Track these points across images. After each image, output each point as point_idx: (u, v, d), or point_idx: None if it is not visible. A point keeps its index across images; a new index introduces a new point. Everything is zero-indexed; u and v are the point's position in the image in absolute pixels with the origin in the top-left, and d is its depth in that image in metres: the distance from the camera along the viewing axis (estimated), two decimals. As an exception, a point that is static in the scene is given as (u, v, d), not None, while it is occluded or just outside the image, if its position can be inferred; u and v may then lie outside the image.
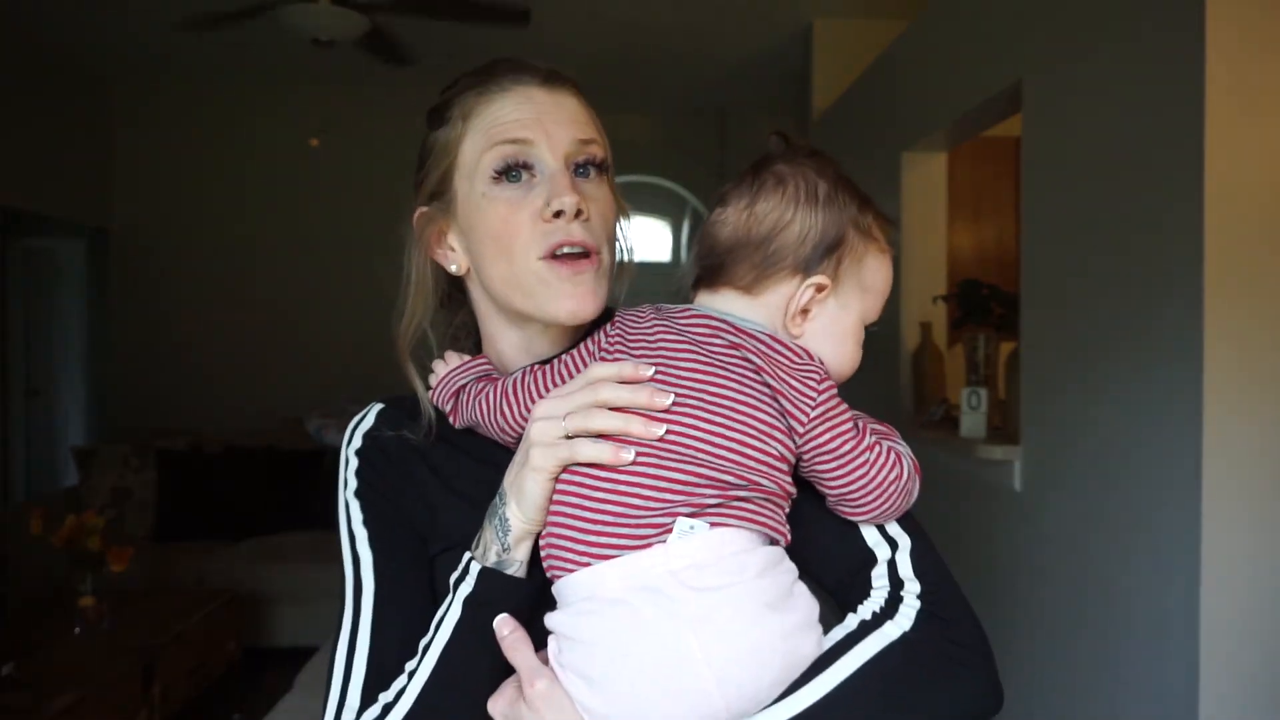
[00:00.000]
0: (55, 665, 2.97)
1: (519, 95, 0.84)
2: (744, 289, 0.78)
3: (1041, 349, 2.60)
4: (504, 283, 0.84)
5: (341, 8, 3.61)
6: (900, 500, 0.77)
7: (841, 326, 0.79)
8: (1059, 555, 2.47)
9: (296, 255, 5.69)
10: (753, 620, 0.68)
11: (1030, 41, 2.62)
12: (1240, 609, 1.87)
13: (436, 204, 0.88)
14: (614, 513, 0.70)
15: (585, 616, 0.70)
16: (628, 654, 0.67)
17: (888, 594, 0.77)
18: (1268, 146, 1.86)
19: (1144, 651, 2.07)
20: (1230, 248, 1.86)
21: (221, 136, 5.70)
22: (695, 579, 0.67)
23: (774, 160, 0.81)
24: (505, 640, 0.74)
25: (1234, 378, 1.87)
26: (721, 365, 0.73)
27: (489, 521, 0.78)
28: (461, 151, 0.85)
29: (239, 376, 5.61)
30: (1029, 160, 2.67)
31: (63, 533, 3.18)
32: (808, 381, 0.74)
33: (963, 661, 0.75)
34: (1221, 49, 1.84)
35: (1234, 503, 1.87)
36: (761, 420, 0.72)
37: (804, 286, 0.76)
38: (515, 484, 0.76)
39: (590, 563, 0.70)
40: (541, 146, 0.83)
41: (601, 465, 0.71)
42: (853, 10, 4.46)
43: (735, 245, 0.78)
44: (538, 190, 0.82)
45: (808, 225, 0.77)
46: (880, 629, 0.75)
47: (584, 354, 0.80)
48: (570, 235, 0.82)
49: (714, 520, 0.69)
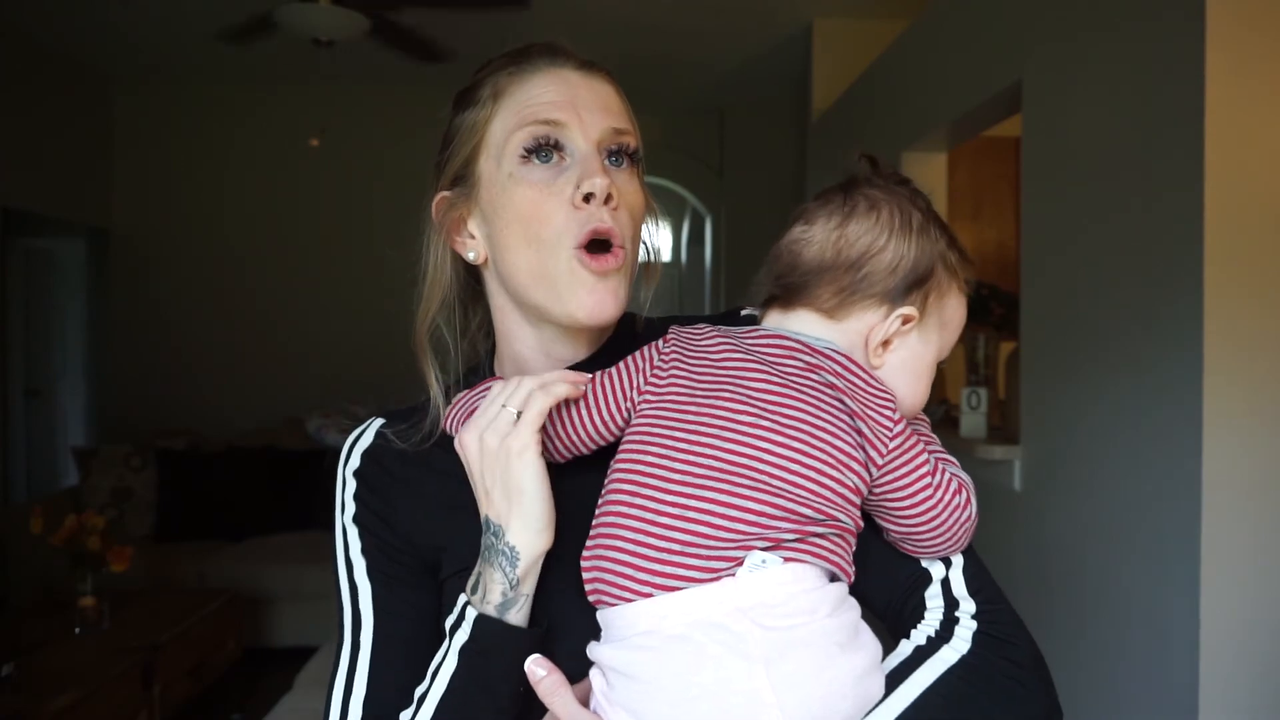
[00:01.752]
0: (55, 665, 2.97)
1: (553, 76, 0.80)
2: (825, 312, 0.74)
3: (1041, 349, 2.60)
4: (527, 273, 0.79)
5: (341, 8, 3.61)
6: (965, 538, 0.74)
7: (921, 362, 0.76)
8: (1059, 555, 2.47)
9: (297, 255, 5.69)
10: (826, 662, 0.64)
11: (1030, 41, 2.62)
12: (1240, 609, 1.87)
13: (459, 188, 0.82)
14: (683, 541, 0.65)
15: (644, 652, 0.64)
16: (692, 695, 0.62)
17: (942, 615, 0.74)
18: (1268, 146, 1.86)
19: (1144, 651, 2.07)
20: (1230, 247, 1.86)
21: (222, 136, 5.70)
22: (766, 617, 0.63)
23: (863, 183, 0.76)
24: (542, 684, 0.69)
25: (1234, 377, 1.87)
26: (796, 387, 0.69)
27: (488, 561, 0.73)
28: (490, 131, 0.80)
29: (239, 376, 5.61)
30: (1029, 160, 2.67)
31: (63, 533, 3.18)
32: (884, 411, 0.70)
33: (1023, 682, 0.72)
34: (1221, 48, 1.84)
35: (1234, 503, 1.87)
36: (840, 449, 0.68)
37: (893, 316, 0.73)
38: (504, 500, 0.72)
39: (652, 593, 0.65)
40: (574, 129, 0.78)
41: (668, 490, 0.67)
42: (853, 10, 4.46)
43: (822, 266, 0.74)
44: (568, 174, 0.78)
45: (900, 254, 0.73)
46: (938, 654, 0.72)
47: (638, 363, 0.75)
48: (601, 221, 0.76)
49: (787, 555, 0.66)
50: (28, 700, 2.65)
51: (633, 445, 0.71)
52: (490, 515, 0.73)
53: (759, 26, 4.63)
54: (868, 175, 0.77)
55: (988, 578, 0.77)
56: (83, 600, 3.26)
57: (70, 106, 5.30)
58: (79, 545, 3.19)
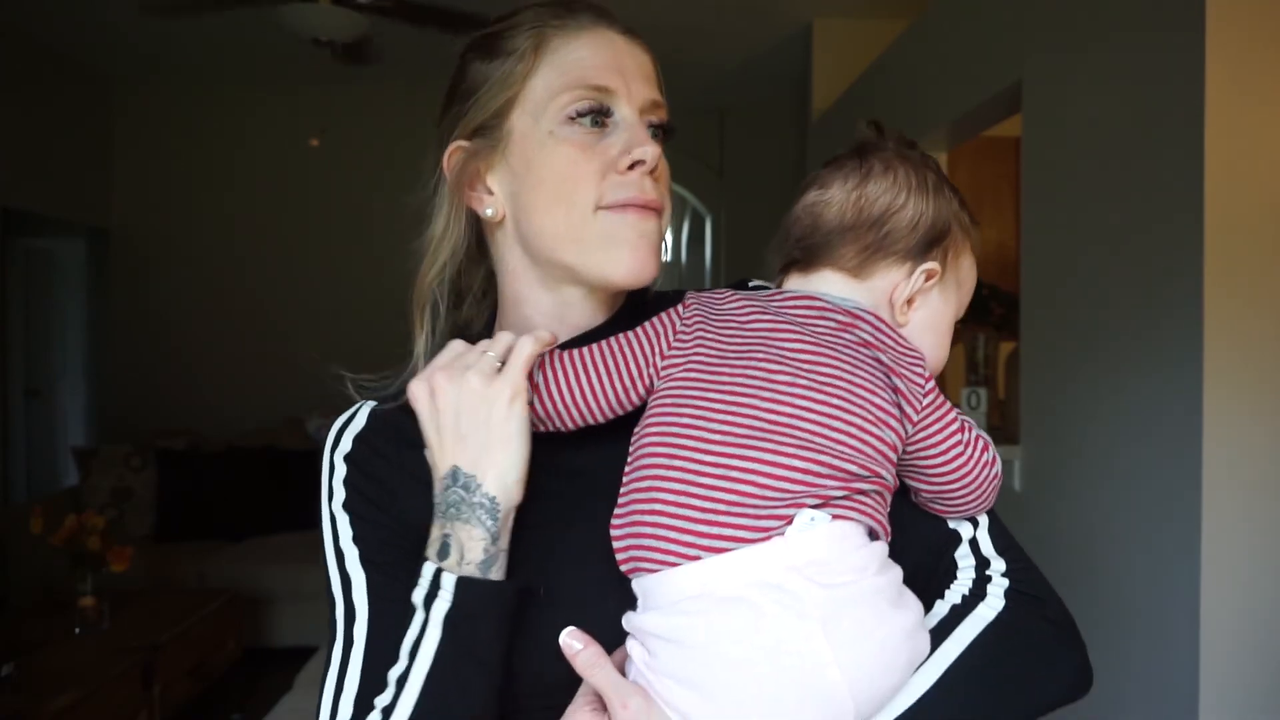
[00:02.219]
0: (55, 665, 2.97)
1: (602, 39, 0.78)
2: (849, 271, 0.74)
3: (1041, 349, 2.60)
4: (555, 236, 0.76)
5: (341, 8, 3.61)
6: (993, 495, 0.75)
7: (943, 320, 0.77)
8: (1059, 555, 2.47)
9: (297, 255, 5.69)
10: (879, 619, 0.64)
11: (1030, 41, 2.62)
12: (1240, 609, 1.87)
13: (482, 140, 0.78)
14: (729, 501, 0.63)
15: (694, 617, 0.62)
16: (749, 657, 0.61)
17: (974, 574, 0.74)
18: (1268, 146, 1.86)
19: (1144, 651, 2.07)
20: (1230, 247, 1.86)
21: (221, 136, 5.70)
22: (821, 575, 0.62)
23: (876, 147, 0.77)
24: (580, 657, 0.66)
25: (1234, 377, 1.86)
26: (831, 346, 0.69)
27: (459, 517, 0.68)
28: (530, 86, 0.76)
29: (239, 376, 5.61)
30: (1029, 160, 2.67)
31: (63, 533, 3.18)
32: (917, 369, 0.71)
33: (1058, 638, 0.73)
34: (1221, 48, 1.84)
35: (1234, 503, 1.87)
36: (879, 405, 0.68)
37: (918, 272, 0.74)
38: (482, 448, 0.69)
39: (700, 555, 0.63)
40: (621, 97, 0.76)
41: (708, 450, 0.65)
42: (853, 10, 4.46)
43: (843, 226, 0.74)
44: (612, 139, 0.75)
45: (920, 211, 0.74)
46: (974, 612, 0.72)
47: (658, 328, 0.73)
48: (644, 191, 0.75)
49: (835, 513, 0.65)
50: (28, 700, 2.65)
51: (663, 408, 0.69)
52: (461, 464, 0.69)
53: (759, 26, 4.63)
54: (876, 140, 0.77)
55: (1013, 539, 0.78)
56: (83, 600, 3.26)
57: (70, 106, 5.29)
58: (79, 545, 3.19)
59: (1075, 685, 0.74)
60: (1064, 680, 0.73)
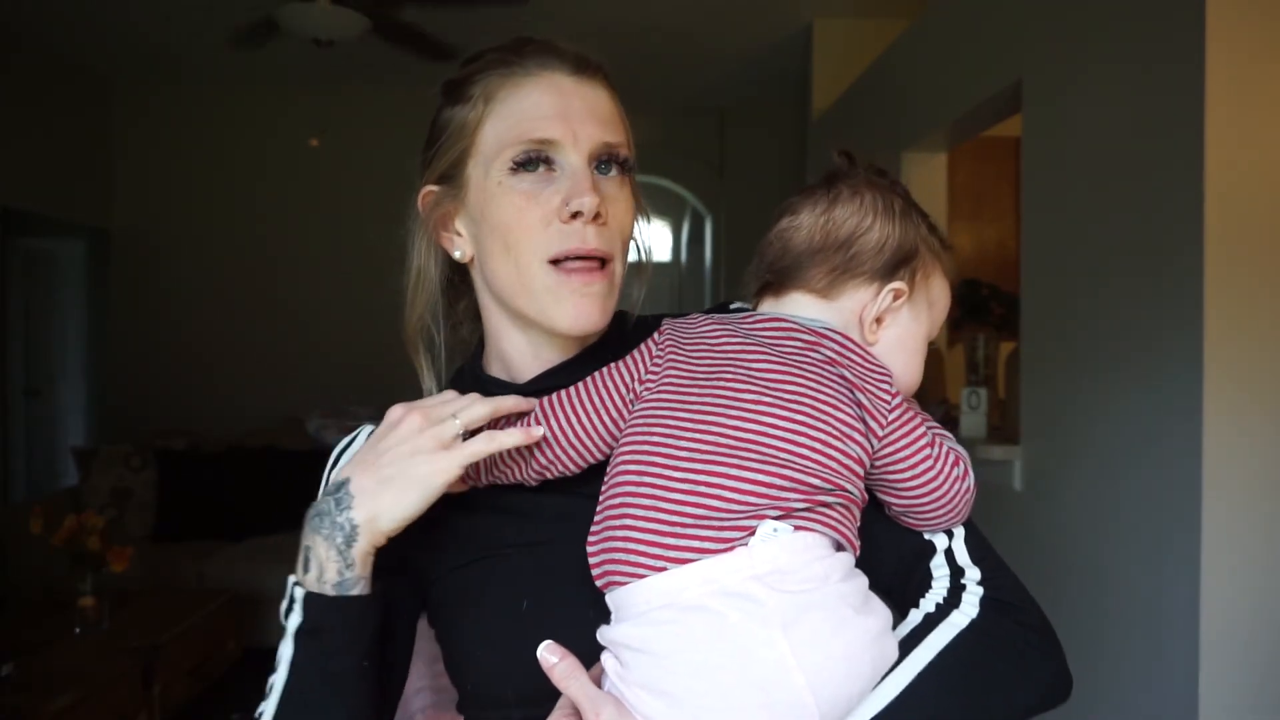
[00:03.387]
0: (55, 665, 2.97)
1: (547, 84, 0.79)
2: (818, 292, 0.77)
3: (1041, 349, 2.60)
4: (508, 283, 0.79)
5: (341, 7, 3.61)
6: (965, 509, 0.76)
7: (914, 339, 0.79)
8: (1059, 555, 2.47)
9: (296, 255, 5.69)
10: (841, 624, 0.65)
11: (1030, 41, 2.62)
12: (1240, 609, 1.87)
13: (446, 186, 0.82)
14: (695, 515, 0.66)
15: (660, 626, 0.64)
16: (713, 664, 0.63)
17: (949, 583, 0.75)
18: (1268, 147, 1.86)
19: (1144, 651, 2.07)
20: (1230, 247, 1.86)
21: (222, 136, 5.70)
22: (782, 583, 0.64)
23: (844, 175, 0.80)
24: (556, 670, 0.68)
25: (1235, 377, 1.87)
26: (796, 365, 0.72)
27: (319, 530, 0.70)
28: (480, 137, 0.79)
29: (239, 376, 5.61)
30: (1029, 160, 2.67)
31: (63, 533, 3.17)
32: (882, 385, 0.73)
33: (1034, 645, 0.74)
34: (1222, 49, 1.84)
35: (1234, 503, 1.87)
36: (842, 420, 0.69)
37: (885, 291, 0.77)
38: (384, 485, 0.69)
39: (666, 567, 0.65)
40: (565, 144, 0.77)
41: (676, 467, 0.67)
42: (853, 10, 4.46)
43: (812, 249, 0.77)
44: (557, 186, 0.77)
45: (886, 234, 0.77)
46: (948, 619, 0.73)
47: (636, 358, 0.76)
48: (585, 242, 0.76)
49: (798, 524, 0.67)
50: (28, 700, 2.65)
51: (636, 429, 0.72)
52: (353, 481, 0.71)
53: (759, 26, 4.63)
54: (846, 169, 0.80)
55: (990, 548, 0.78)
56: (83, 600, 3.25)
57: (70, 106, 5.29)
58: (79, 545, 3.18)
59: (1052, 691, 0.74)
60: (1040, 686, 0.73)
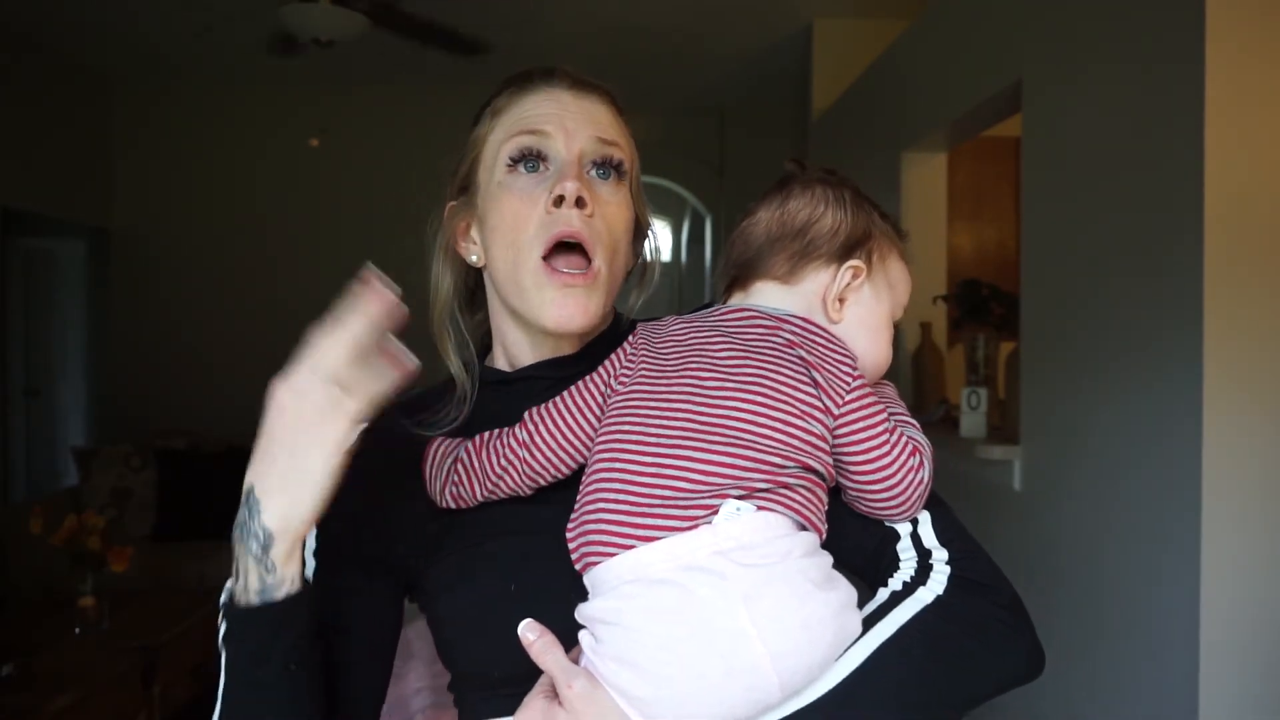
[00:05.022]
0: (55, 665, 2.97)
1: (546, 95, 0.85)
2: (780, 279, 0.81)
3: (1041, 349, 2.60)
4: (505, 278, 0.84)
5: (341, 8, 3.61)
6: (917, 503, 0.77)
7: (876, 318, 0.82)
8: (1058, 555, 2.47)
9: (296, 255, 5.69)
10: (804, 596, 0.68)
11: (1030, 41, 2.62)
12: (1240, 609, 1.87)
13: (464, 197, 0.89)
14: (660, 496, 0.70)
15: (629, 600, 0.68)
16: (677, 634, 0.66)
17: (916, 564, 0.76)
18: (1268, 147, 1.86)
19: (1144, 651, 2.07)
20: (1230, 247, 1.86)
21: (221, 136, 5.70)
22: (744, 557, 0.67)
23: (796, 176, 0.86)
24: (534, 646, 0.71)
25: (1234, 377, 1.86)
26: (757, 350, 0.75)
27: (241, 541, 0.69)
28: (487, 145, 0.86)
29: (239, 376, 5.57)
30: (1029, 160, 2.67)
31: (62, 533, 3.17)
32: (843, 364, 0.75)
33: (1001, 620, 0.74)
34: (1221, 49, 1.84)
35: (1234, 503, 1.87)
36: (799, 398, 0.73)
37: (844, 269, 0.80)
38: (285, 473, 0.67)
39: (635, 544, 0.69)
40: (558, 140, 0.83)
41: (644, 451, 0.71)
42: (853, 10, 4.46)
43: (770, 239, 0.82)
44: (548, 182, 0.82)
45: (839, 219, 0.82)
46: (913, 595, 0.74)
47: (611, 363, 0.80)
48: (569, 224, 0.80)
49: (760, 504, 0.70)
50: (28, 700, 2.65)
51: (610, 423, 0.76)
52: (256, 485, 0.68)
53: (759, 26, 4.63)
54: (797, 172, 0.86)
55: (963, 531, 0.79)
56: (83, 600, 3.25)
57: (70, 106, 5.29)
58: (79, 545, 3.18)
59: (1022, 667, 0.75)
60: (1008, 661, 0.74)
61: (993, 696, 0.74)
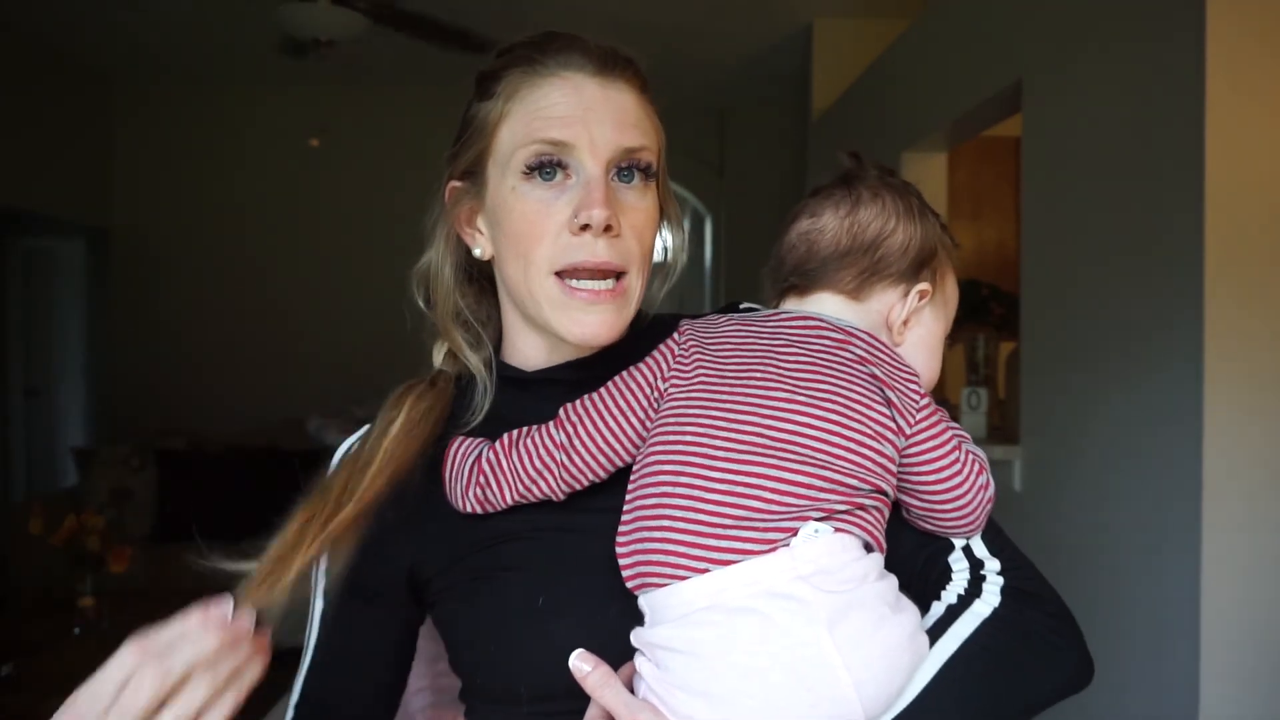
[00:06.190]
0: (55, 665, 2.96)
1: (567, 85, 0.76)
2: (848, 294, 0.78)
3: (1041, 349, 2.60)
4: (519, 287, 0.78)
5: (341, 7, 3.60)
6: (984, 519, 0.76)
7: (934, 337, 0.81)
8: (1059, 555, 2.47)
9: (296, 255, 5.69)
10: (881, 620, 0.66)
11: (1030, 41, 2.62)
12: (1240, 608, 1.87)
13: (469, 183, 0.81)
14: (736, 515, 0.65)
15: (704, 628, 0.64)
16: (759, 665, 0.62)
17: (969, 575, 0.75)
18: (1268, 147, 1.86)
19: (1144, 651, 2.07)
20: (1230, 247, 1.86)
21: (221, 136, 5.70)
22: (826, 583, 0.64)
23: (860, 176, 0.81)
24: (589, 679, 0.68)
25: (1234, 377, 1.86)
26: (826, 363, 0.71)
27: None
28: (499, 138, 0.78)
29: (239, 376, 5.61)
30: (1029, 160, 2.67)
31: (62, 533, 3.17)
32: (911, 384, 0.73)
33: (1056, 632, 0.73)
34: (1222, 49, 1.84)
35: (1234, 503, 1.87)
36: (874, 418, 0.70)
37: (914, 292, 0.78)
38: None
39: (708, 568, 0.64)
40: (581, 149, 0.75)
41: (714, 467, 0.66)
42: (853, 10, 4.46)
43: (839, 252, 0.78)
44: (569, 195, 0.75)
45: (910, 235, 0.78)
46: (970, 609, 0.72)
47: (658, 359, 0.74)
48: (594, 254, 0.74)
49: (838, 526, 0.67)
50: (28, 700, 2.65)
51: (667, 428, 0.70)
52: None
53: (759, 26, 4.63)
54: (859, 170, 0.81)
55: (1009, 541, 0.78)
56: (83, 600, 3.25)
57: (70, 106, 5.29)
58: (79, 545, 3.18)
59: (1075, 677, 0.74)
60: (1063, 673, 0.73)
61: (1047, 707, 0.73)
